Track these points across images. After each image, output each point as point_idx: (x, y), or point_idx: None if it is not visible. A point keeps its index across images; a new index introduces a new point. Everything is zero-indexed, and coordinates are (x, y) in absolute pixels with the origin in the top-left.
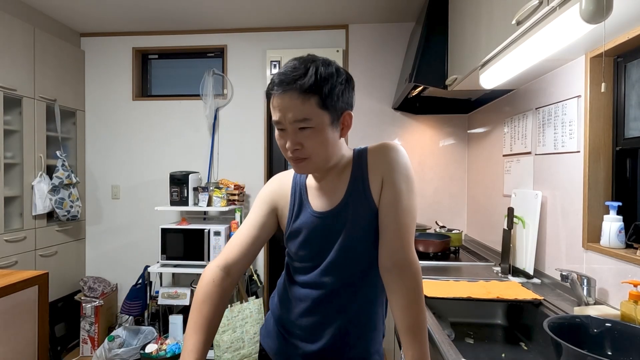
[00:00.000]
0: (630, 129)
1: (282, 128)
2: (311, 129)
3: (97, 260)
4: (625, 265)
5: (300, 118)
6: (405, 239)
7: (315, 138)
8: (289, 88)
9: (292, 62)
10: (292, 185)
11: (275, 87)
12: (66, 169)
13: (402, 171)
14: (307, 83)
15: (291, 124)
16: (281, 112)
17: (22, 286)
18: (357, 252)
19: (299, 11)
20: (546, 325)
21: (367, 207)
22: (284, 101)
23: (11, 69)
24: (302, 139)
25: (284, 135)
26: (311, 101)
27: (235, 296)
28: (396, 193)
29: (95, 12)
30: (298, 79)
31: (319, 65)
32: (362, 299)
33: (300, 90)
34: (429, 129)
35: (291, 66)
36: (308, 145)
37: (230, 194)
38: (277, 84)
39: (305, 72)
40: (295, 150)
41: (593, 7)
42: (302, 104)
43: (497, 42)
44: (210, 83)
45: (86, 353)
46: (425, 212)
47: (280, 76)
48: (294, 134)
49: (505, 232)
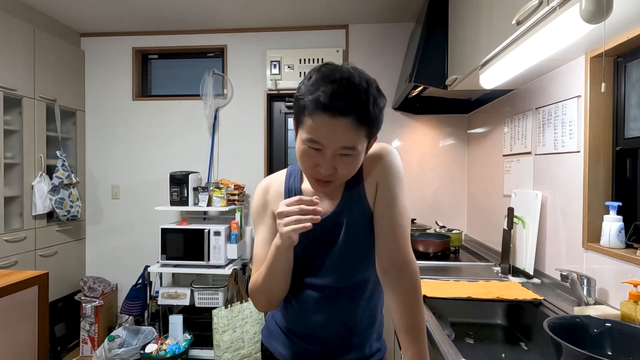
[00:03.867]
0: (630, 129)
1: (318, 148)
2: (351, 156)
3: (97, 260)
4: (625, 265)
5: (349, 146)
6: (402, 240)
7: (352, 165)
8: (347, 115)
9: (346, 80)
10: (286, 190)
11: (328, 109)
12: (66, 169)
13: (395, 174)
14: (366, 114)
15: (334, 150)
16: (327, 135)
17: (22, 286)
18: (355, 254)
19: (299, 11)
20: (546, 325)
21: (362, 210)
22: (336, 126)
23: (11, 69)
24: (338, 164)
25: (317, 155)
26: (363, 130)
27: (235, 296)
28: (391, 196)
29: (95, 12)
30: (358, 107)
31: (376, 95)
32: (363, 295)
33: (357, 119)
34: (429, 129)
35: (347, 86)
36: (341, 170)
37: (230, 194)
38: (330, 106)
39: (366, 100)
40: (329, 175)
41: (593, 7)
42: (355, 133)
43: (497, 42)
44: (210, 83)
45: (86, 353)
46: (425, 212)
47: (335, 98)
48: (332, 159)
49: (505, 232)
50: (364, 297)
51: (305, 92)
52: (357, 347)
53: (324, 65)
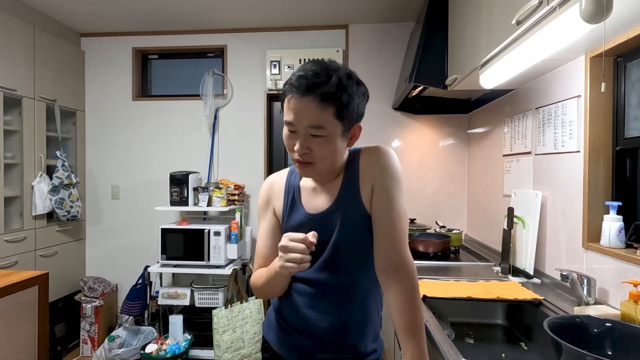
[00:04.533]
0: (630, 129)
1: (293, 130)
2: (323, 137)
3: (97, 260)
4: (625, 265)
5: (314, 125)
6: (399, 241)
7: (325, 146)
8: (309, 93)
9: (313, 66)
10: (286, 186)
11: (294, 88)
12: (66, 169)
13: (392, 176)
14: (328, 92)
15: (304, 129)
16: (296, 115)
17: (22, 286)
18: (350, 250)
19: (299, 11)
20: (546, 325)
21: (357, 209)
22: (302, 105)
23: (11, 69)
24: (312, 144)
25: (294, 136)
26: (328, 110)
27: (235, 296)
28: (388, 197)
29: (95, 12)
30: (319, 86)
31: (341, 75)
32: (356, 293)
33: (320, 97)
34: (429, 129)
35: (313, 70)
36: (317, 151)
37: (230, 194)
38: (296, 86)
39: (328, 80)
40: (303, 154)
41: (593, 7)
42: (320, 112)
43: (497, 42)
44: (210, 83)
45: (86, 353)
46: (425, 212)
47: (300, 79)
48: (304, 139)
49: (505, 232)
50: (358, 295)
51: (286, 82)
52: (352, 346)
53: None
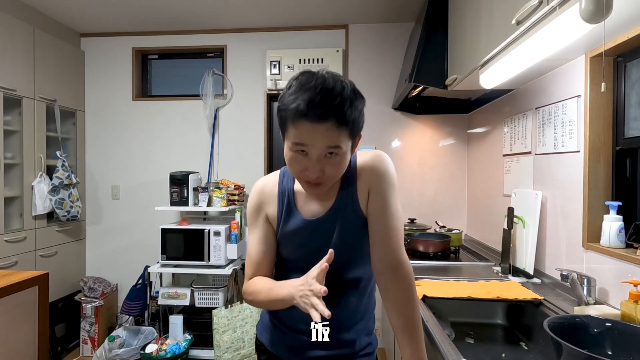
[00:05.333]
0: (630, 129)
1: (304, 151)
2: (337, 156)
3: (97, 261)
4: (625, 265)
5: (333, 145)
6: (395, 242)
7: (338, 165)
8: (325, 120)
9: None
10: (279, 190)
11: (306, 114)
12: (66, 169)
13: (388, 181)
14: (346, 115)
15: (320, 151)
16: (311, 139)
17: (22, 286)
18: (348, 254)
19: (299, 11)
20: (546, 325)
21: (354, 213)
22: (318, 131)
23: (11, 69)
24: (325, 165)
25: (305, 160)
26: (345, 132)
27: (235, 296)
28: (384, 201)
29: (95, 12)
30: (334, 112)
31: (349, 95)
32: (353, 292)
33: (337, 122)
34: (429, 129)
35: (324, 89)
36: (329, 171)
37: (230, 194)
38: (308, 112)
39: (342, 103)
40: (317, 177)
41: (593, 7)
42: (338, 135)
43: (497, 42)
44: (210, 83)
45: (86, 353)
46: (425, 212)
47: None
48: (318, 161)
49: (505, 232)
50: (354, 294)
51: (287, 103)
52: (347, 342)
53: (301, 74)
